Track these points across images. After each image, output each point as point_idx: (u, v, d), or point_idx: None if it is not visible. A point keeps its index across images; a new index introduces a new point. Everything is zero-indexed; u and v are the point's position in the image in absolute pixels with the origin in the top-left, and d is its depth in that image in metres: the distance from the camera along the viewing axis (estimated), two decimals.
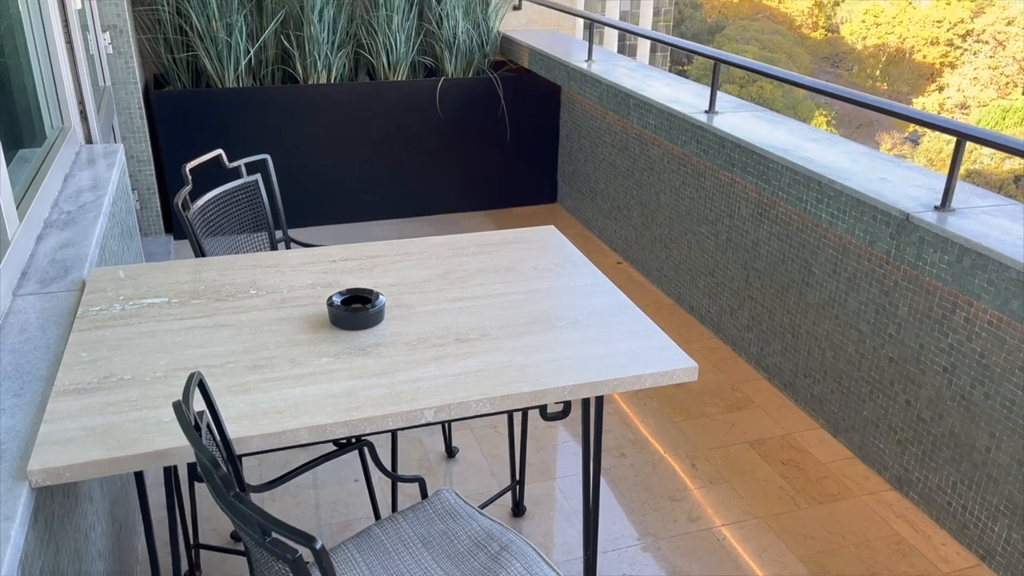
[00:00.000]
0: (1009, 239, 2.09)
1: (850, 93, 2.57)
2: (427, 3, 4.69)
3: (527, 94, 4.89)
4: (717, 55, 3.28)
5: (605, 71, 4.18)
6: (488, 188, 5.04)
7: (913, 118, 2.36)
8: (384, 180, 4.79)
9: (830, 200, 2.58)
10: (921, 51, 51.29)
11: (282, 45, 4.45)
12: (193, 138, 4.28)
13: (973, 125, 2.26)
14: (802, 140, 3.02)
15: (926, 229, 2.21)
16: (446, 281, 2.03)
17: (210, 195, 2.37)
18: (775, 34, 52.97)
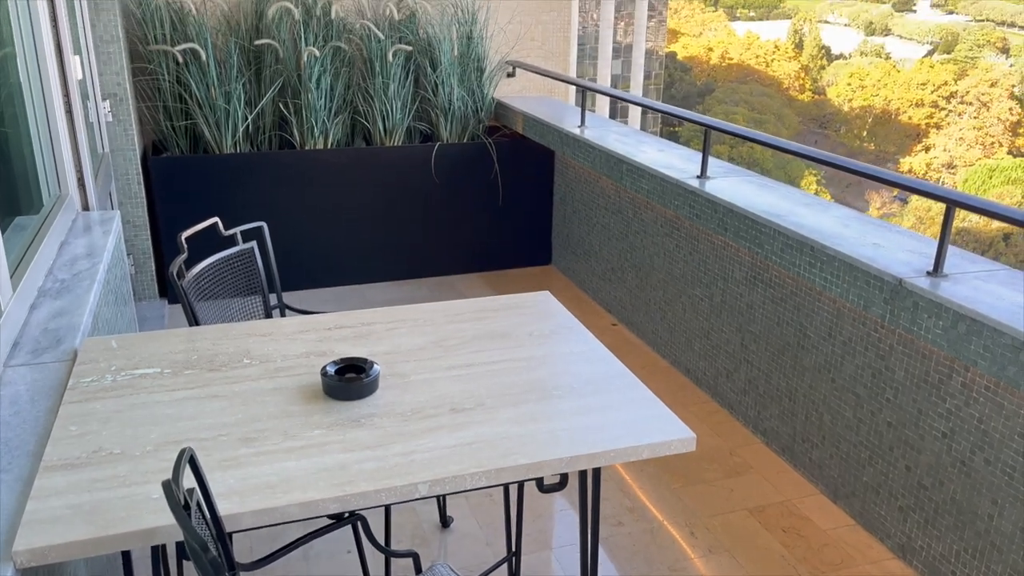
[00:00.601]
0: (1002, 304, 2.09)
1: (839, 160, 2.61)
2: (423, 71, 4.79)
3: (521, 158, 4.96)
4: (708, 122, 3.34)
5: (598, 137, 4.25)
6: (483, 250, 5.07)
7: (905, 185, 2.40)
8: (380, 243, 4.81)
9: (823, 265, 2.60)
10: (906, 112, 52.41)
11: (280, 112, 4.52)
12: (190, 203, 4.31)
13: (963, 192, 2.29)
14: (793, 205, 3.05)
15: (920, 295, 2.22)
16: (441, 348, 2.02)
17: (205, 263, 2.38)
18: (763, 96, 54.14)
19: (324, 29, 4.48)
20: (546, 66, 5.34)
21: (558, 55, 5.38)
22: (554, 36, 5.37)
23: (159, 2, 4.17)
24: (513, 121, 4.99)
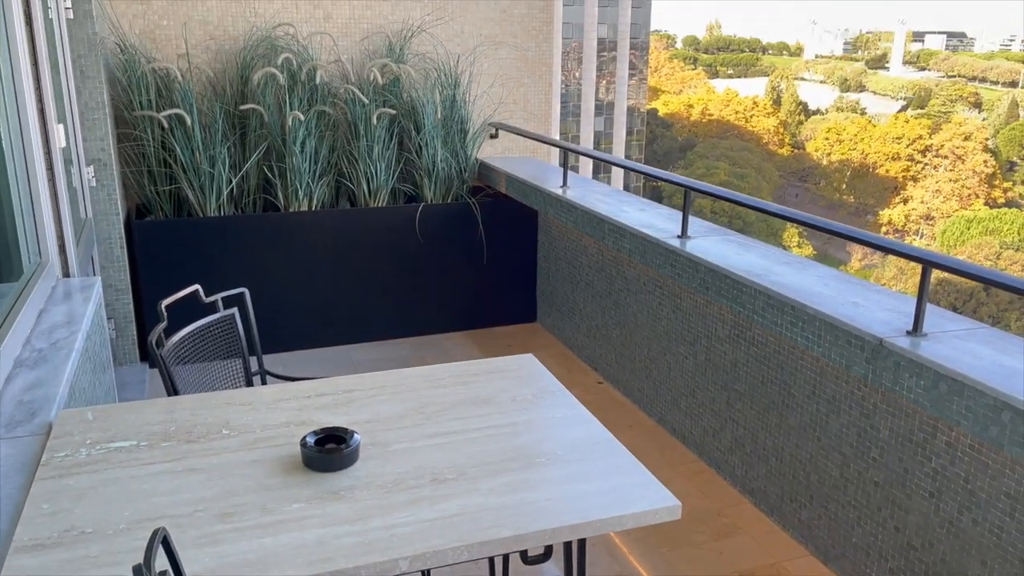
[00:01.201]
0: (982, 364, 2.11)
1: (815, 220, 2.65)
2: (407, 133, 4.85)
3: (505, 217, 5.00)
4: (687, 183, 3.39)
5: (580, 196, 4.30)
6: (468, 309, 5.07)
7: (880, 246, 2.43)
8: (364, 304, 4.81)
9: (804, 324, 2.61)
10: (884, 166, 53.49)
11: (264, 175, 4.56)
12: (174, 266, 4.30)
13: (937, 252, 2.32)
14: (773, 264, 3.08)
15: (900, 354, 2.23)
16: (423, 415, 2.00)
17: (186, 331, 2.36)
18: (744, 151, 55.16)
19: (309, 94, 4.54)
20: (528, 127, 5.44)
21: (540, 116, 5.48)
22: (535, 98, 5.47)
23: (145, 69, 4.23)
24: (497, 181, 5.04)
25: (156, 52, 4.44)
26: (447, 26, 5.05)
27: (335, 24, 4.80)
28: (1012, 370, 2.06)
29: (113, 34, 4.29)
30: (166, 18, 4.44)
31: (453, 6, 5.06)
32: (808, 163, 58.22)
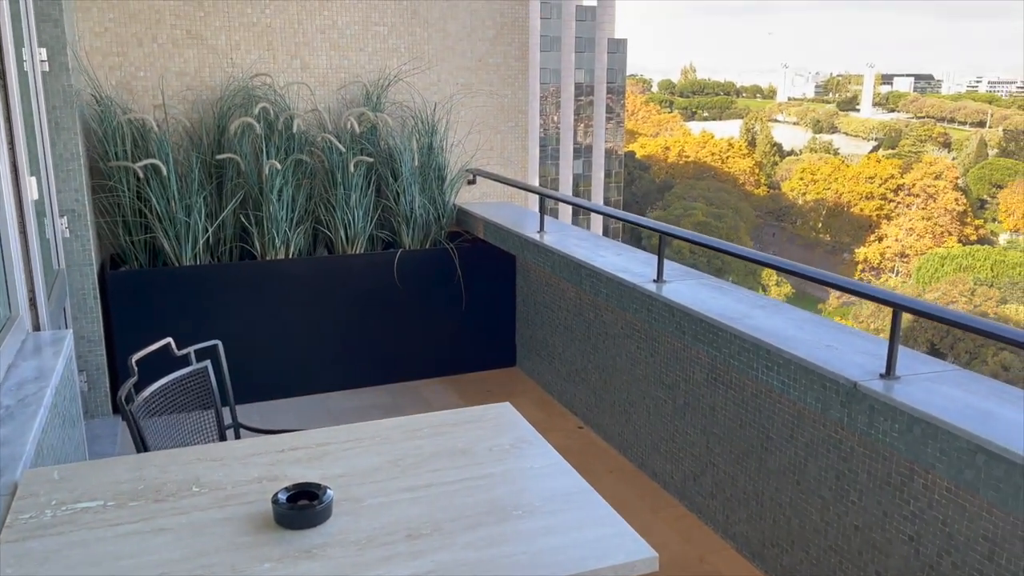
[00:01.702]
0: (955, 407, 2.12)
1: (791, 265, 2.68)
2: (384, 181, 4.88)
3: (483, 262, 5.01)
4: (661, 228, 3.43)
5: (557, 242, 4.32)
6: (447, 354, 5.05)
7: (852, 290, 2.46)
8: (342, 351, 4.77)
9: (780, 368, 2.62)
10: (858, 204, 54.39)
11: (241, 223, 4.55)
12: (149, 316, 4.26)
13: (906, 296, 2.35)
14: (749, 307, 3.10)
15: (874, 398, 2.24)
16: (398, 468, 1.97)
17: (157, 384, 2.33)
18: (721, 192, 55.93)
19: (286, 142, 4.57)
20: (506, 173, 5.48)
21: (517, 162, 5.53)
22: (512, 144, 5.53)
23: (121, 120, 4.23)
24: (474, 227, 5.07)
25: (132, 103, 4.45)
26: (424, 75, 5.12)
27: (312, 74, 4.85)
28: (984, 412, 2.08)
29: (89, 86, 4.30)
30: (143, 69, 4.47)
31: (430, 56, 5.14)
32: (784, 203, 59.10)
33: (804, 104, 79.02)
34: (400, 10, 5.02)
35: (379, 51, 5.00)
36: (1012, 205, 53.52)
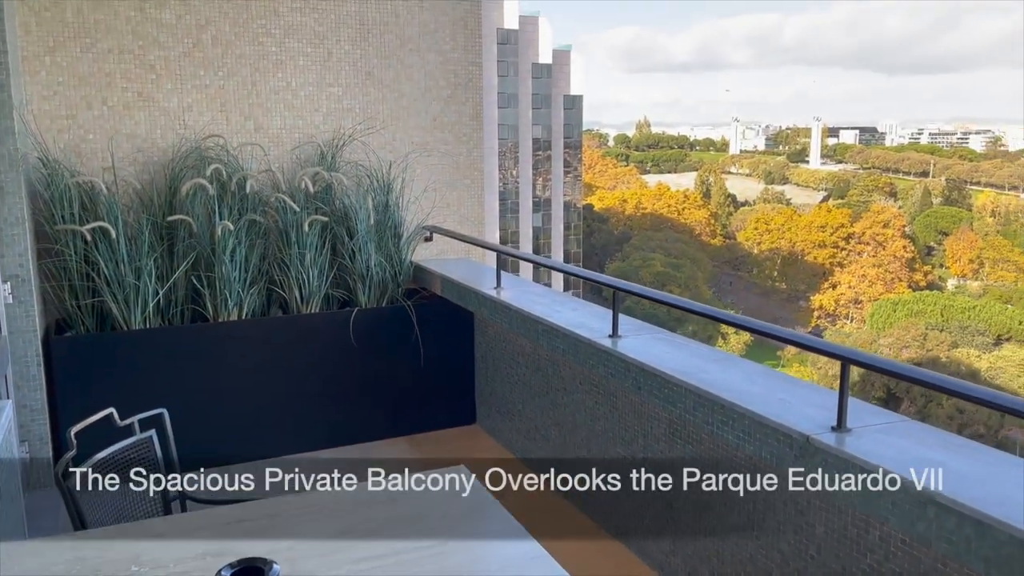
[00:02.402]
0: (905, 458, 2.14)
1: (740, 319, 2.71)
2: (339, 239, 4.86)
3: (441, 319, 4.99)
4: (615, 284, 3.46)
5: (514, 298, 4.32)
6: (406, 413, 4.98)
7: (802, 344, 2.50)
8: (299, 413, 4.68)
9: (735, 422, 2.63)
10: (811, 253, 55.71)
11: (193, 285, 4.48)
12: (95, 382, 4.14)
13: (854, 349, 2.39)
14: (703, 362, 3.12)
15: (827, 451, 2.25)
16: (349, 539, 1.92)
17: (98, 457, 2.25)
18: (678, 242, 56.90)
19: (239, 203, 4.54)
20: (462, 229, 5.50)
21: (473, 219, 5.56)
22: (469, 201, 5.57)
23: (69, 183, 4.18)
24: (432, 283, 5.06)
25: (81, 166, 4.40)
26: (379, 135, 5.16)
27: (266, 134, 4.85)
28: (934, 464, 2.10)
29: (36, 149, 4.24)
30: (92, 132, 4.43)
31: (384, 116, 5.18)
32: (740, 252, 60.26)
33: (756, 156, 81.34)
34: (354, 72, 5.08)
35: (333, 111, 5.04)
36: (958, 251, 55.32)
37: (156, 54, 4.56)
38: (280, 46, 4.88)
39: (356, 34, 5.08)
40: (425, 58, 5.29)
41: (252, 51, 4.82)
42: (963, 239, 55.71)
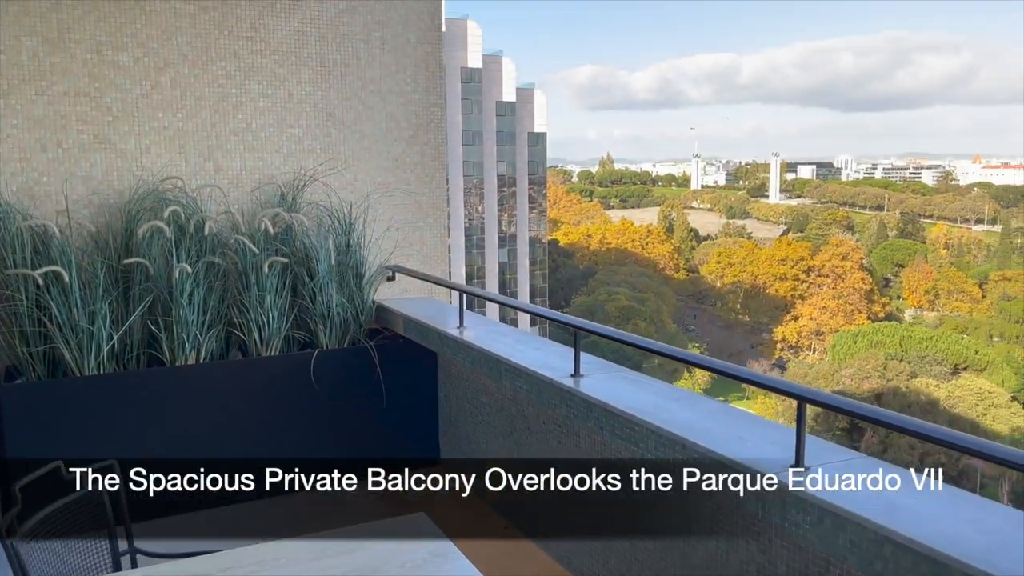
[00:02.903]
0: (863, 496, 2.16)
1: (700, 360, 2.74)
2: (300, 280, 4.82)
3: (404, 359, 4.95)
4: (575, 323, 3.47)
5: (477, 337, 4.31)
6: (368, 455, 4.91)
7: (759, 383, 2.52)
8: (257, 457, 4.57)
9: (695, 462, 2.63)
10: (773, 286, 56.64)
11: (149, 329, 4.40)
12: (47, 430, 4.02)
13: (811, 388, 2.42)
14: (665, 400, 3.13)
15: (785, 490, 2.27)
16: None
17: (44, 512, 2.18)
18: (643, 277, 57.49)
19: (197, 245, 4.49)
20: (425, 268, 5.50)
21: (436, 258, 5.56)
22: (432, 240, 5.57)
23: (21, 226, 4.10)
24: (394, 323, 5.03)
25: (34, 209, 4.33)
26: (340, 175, 5.15)
27: (226, 176, 4.82)
28: (890, 502, 2.12)
29: None
30: (46, 175, 4.37)
31: (346, 156, 5.19)
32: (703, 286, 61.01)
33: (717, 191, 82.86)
34: (316, 113, 5.09)
35: (294, 152, 5.03)
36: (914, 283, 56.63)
37: (113, 96, 4.53)
38: (240, 88, 4.87)
39: (317, 76, 5.09)
40: (387, 99, 5.32)
41: (212, 93, 4.81)
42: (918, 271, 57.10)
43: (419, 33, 5.40)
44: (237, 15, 4.81)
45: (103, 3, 4.48)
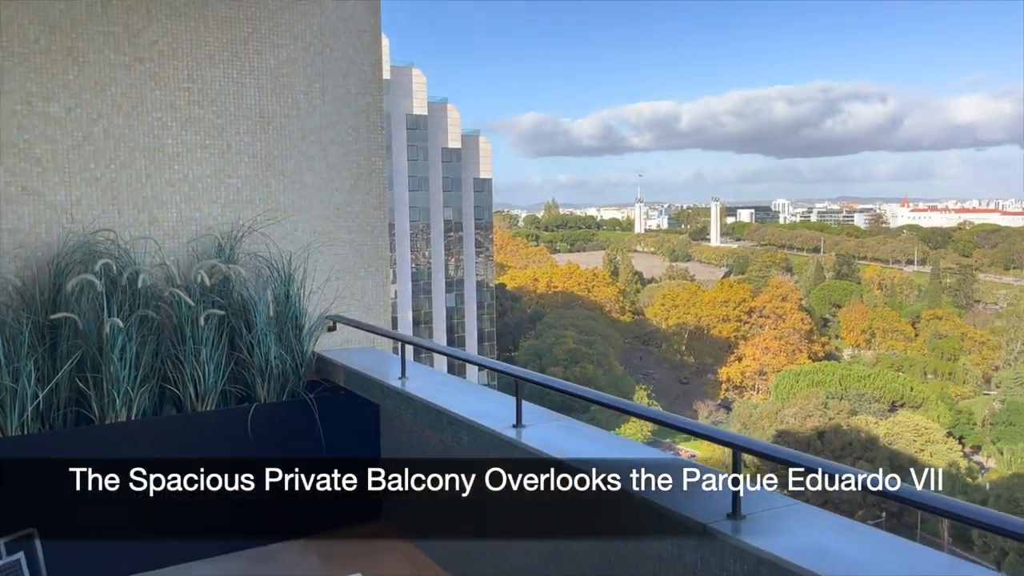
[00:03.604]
0: (798, 544, 2.18)
1: (640, 409, 2.76)
2: (238, 332, 4.72)
3: (344, 412, 4.87)
4: (517, 373, 3.47)
5: (418, 388, 4.27)
6: (307, 513, 4.76)
7: (698, 432, 2.55)
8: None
9: (637, 513, 2.63)
10: (716, 327, 57.63)
11: (77, 386, 4.25)
12: None
13: (746, 437, 2.45)
14: (605, 448, 3.14)
15: (723, 540, 2.28)
16: None
17: None
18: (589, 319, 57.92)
19: (130, 298, 4.37)
20: (367, 318, 5.45)
21: (378, 307, 5.52)
22: (373, 290, 5.53)
23: None
24: (335, 375, 4.95)
25: None
26: (280, 225, 5.10)
27: (161, 227, 4.73)
28: (825, 549, 2.15)
29: None
30: None
31: (286, 206, 5.14)
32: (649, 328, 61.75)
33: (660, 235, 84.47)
34: (255, 163, 5.05)
35: (233, 203, 4.97)
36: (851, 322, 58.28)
37: (43, 147, 4.43)
38: (177, 138, 4.81)
39: (256, 126, 5.07)
40: (327, 149, 5.32)
41: (147, 143, 4.74)
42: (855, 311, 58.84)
43: (360, 84, 5.44)
44: (174, 66, 4.78)
45: (34, 55, 4.41)
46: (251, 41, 5.02)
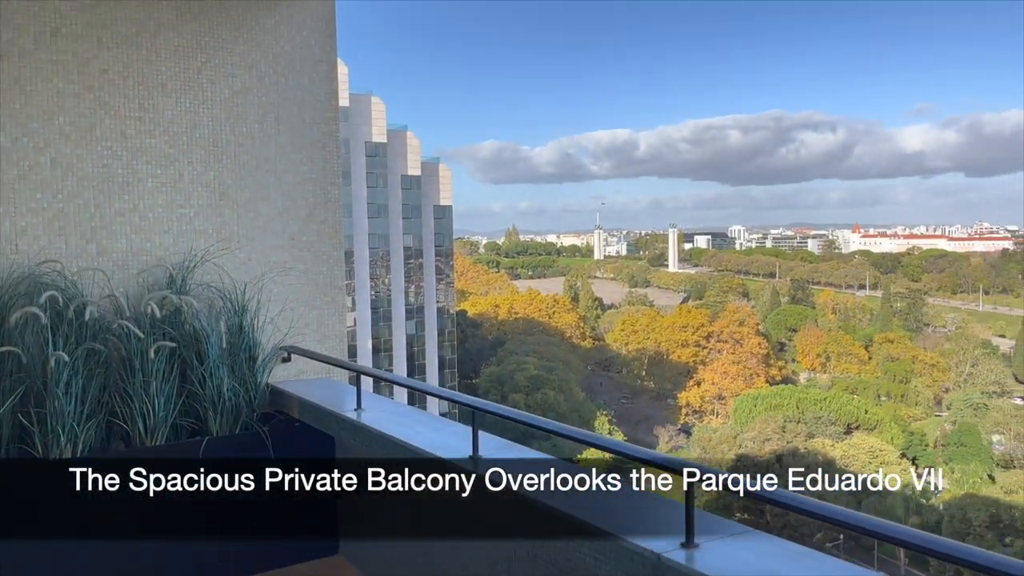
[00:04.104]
0: (752, 573, 2.20)
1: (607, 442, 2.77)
2: (189, 364, 4.63)
3: (300, 444, 4.79)
4: (473, 403, 3.46)
5: (374, 419, 4.23)
6: (262, 549, 4.67)
7: (649, 460, 2.55)
8: (142, 559, 4.30)
9: (591, 543, 2.63)
10: (675, 352, 58.13)
11: (20, 422, 4.12)
12: None
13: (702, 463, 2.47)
14: (560, 477, 3.13)
15: (677, 569, 2.28)
16: None
17: None
18: (550, 345, 58.03)
19: (77, 331, 4.26)
20: (322, 349, 5.38)
21: (333, 337, 5.46)
22: (329, 319, 5.48)
23: None
24: (289, 407, 4.88)
25: None
26: (233, 256, 5.03)
27: (110, 258, 4.64)
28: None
29: None
30: None
31: (239, 236, 5.08)
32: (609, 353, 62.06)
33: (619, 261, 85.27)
34: (208, 192, 4.99)
35: (185, 233, 4.90)
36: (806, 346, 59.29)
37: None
38: (127, 168, 4.74)
39: (210, 156, 5.02)
40: (282, 178, 5.28)
41: (96, 173, 4.66)
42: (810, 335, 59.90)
43: (315, 113, 5.42)
44: (125, 95, 4.72)
45: None
46: (205, 70, 4.99)
